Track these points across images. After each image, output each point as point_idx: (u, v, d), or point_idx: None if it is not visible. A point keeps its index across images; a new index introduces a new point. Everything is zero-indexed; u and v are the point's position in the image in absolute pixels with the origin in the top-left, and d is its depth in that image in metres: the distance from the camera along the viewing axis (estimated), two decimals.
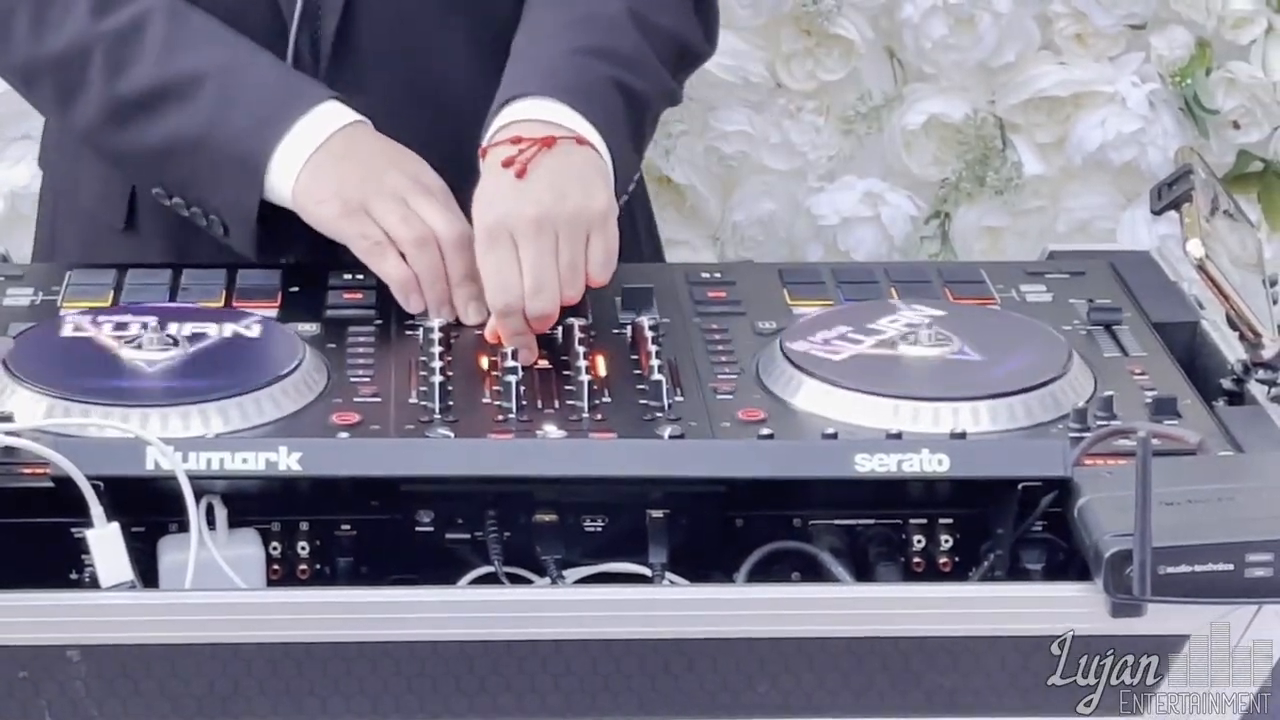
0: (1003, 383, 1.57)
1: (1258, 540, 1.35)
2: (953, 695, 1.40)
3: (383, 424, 1.55)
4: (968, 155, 2.81)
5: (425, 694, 1.39)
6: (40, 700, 1.36)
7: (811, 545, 1.55)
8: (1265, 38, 2.77)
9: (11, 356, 1.56)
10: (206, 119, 1.87)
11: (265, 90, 1.88)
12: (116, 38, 1.92)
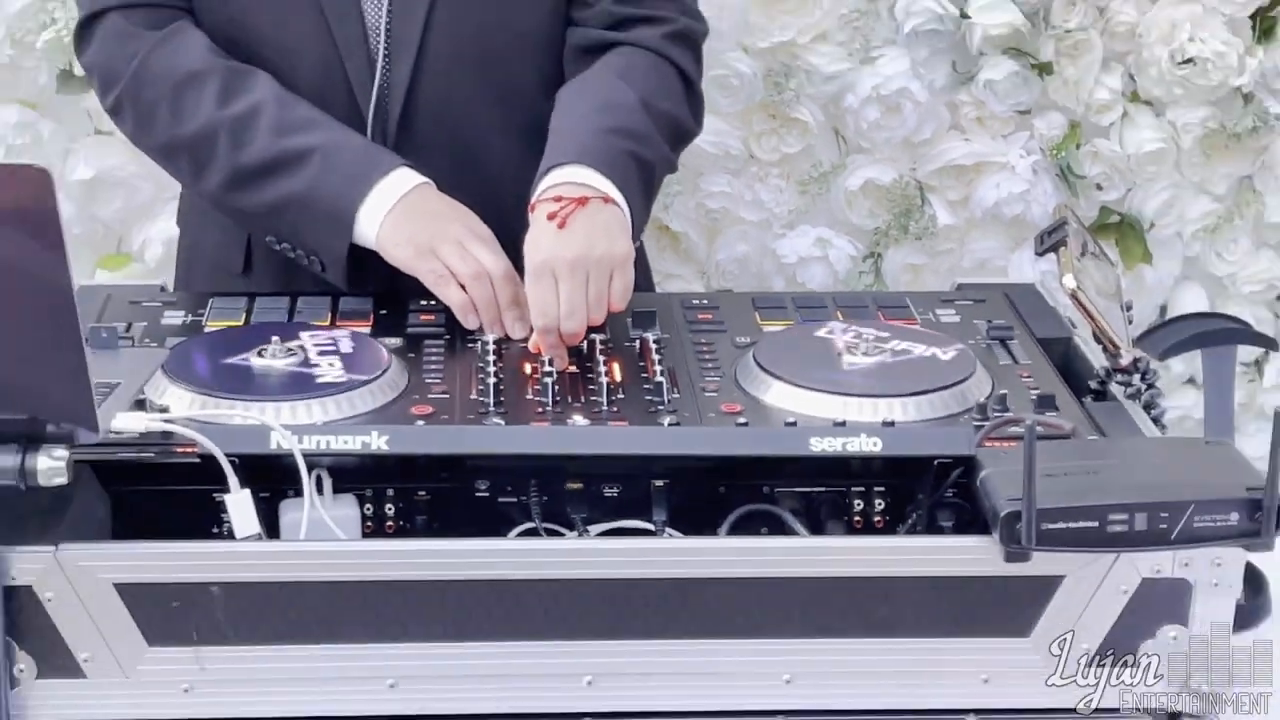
0: (923, 383, 1.59)
1: (1116, 504, 1.38)
2: (885, 621, 1.43)
3: (450, 414, 1.57)
4: (895, 210, 2.81)
5: (481, 620, 1.41)
6: (189, 624, 1.38)
7: (777, 507, 1.59)
8: (1121, 121, 2.78)
9: (168, 363, 1.59)
10: (309, 183, 1.87)
11: (353, 160, 1.88)
12: (237, 121, 1.91)
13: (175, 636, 1.39)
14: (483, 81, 2.02)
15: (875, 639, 1.43)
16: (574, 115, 1.94)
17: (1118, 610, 1.42)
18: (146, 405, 1.50)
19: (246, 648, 1.40)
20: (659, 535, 1.55)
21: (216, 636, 1.39)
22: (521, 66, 2.05)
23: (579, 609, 1.41)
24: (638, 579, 1.41)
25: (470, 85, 2.01)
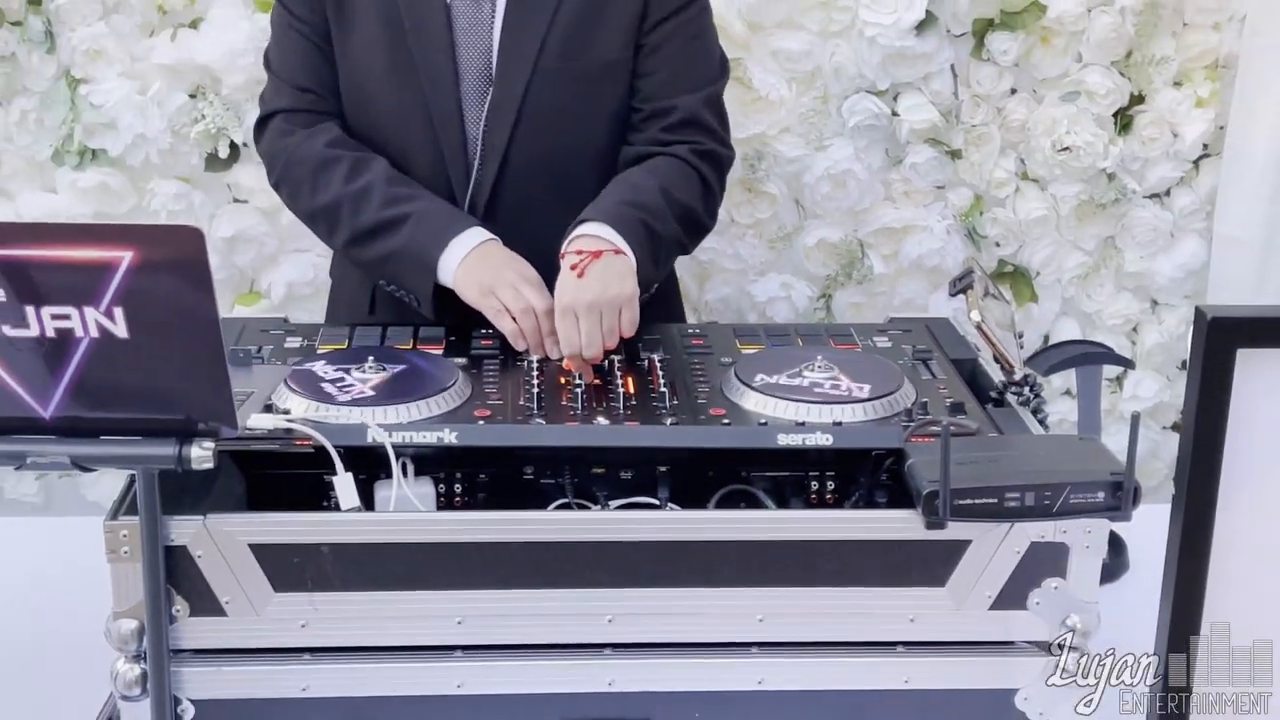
0: (864, 393, 1.58)
1: (1011, 485, 1.39)
2: (834, 574, 1.43)
3: (503, 416, 1.56)
4: (841, 261, 2.81)
5: (527, 572, 1.41)
6: (305, 575, 1.39)
7: (751, 487, 1.59)
8: (1014, 194, 2.77)
9: (289, 377, 1.59)
10: (405, 241, 1.88)
11: (437, 221, 1.88)
12: (357, 195, 1.93)
13: (294, 585, 1.40)
14: (552, 183, 2.00)
15: (827, 588, 1.43)
16: (605, 194, 1.93)
17: (1012, 566, 1.42)
18: (273, 408, 1.52)
19: (348, 593, 1.40)
20: (662, 509, 1.55)
21: (325, 585, 1.40)
22: (583, 173, 2.02)
23: (601, 564, 1.41)
24: (646, 542, 1.42)
25: (542, 185, 1.99)
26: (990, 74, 2.73)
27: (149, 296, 1.22)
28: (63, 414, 1.28)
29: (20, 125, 2.67)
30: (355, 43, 2.00)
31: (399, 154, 2.03)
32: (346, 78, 2.04)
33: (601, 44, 2.00)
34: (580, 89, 2.01)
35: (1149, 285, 2.89)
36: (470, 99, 2.00)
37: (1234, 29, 2.72)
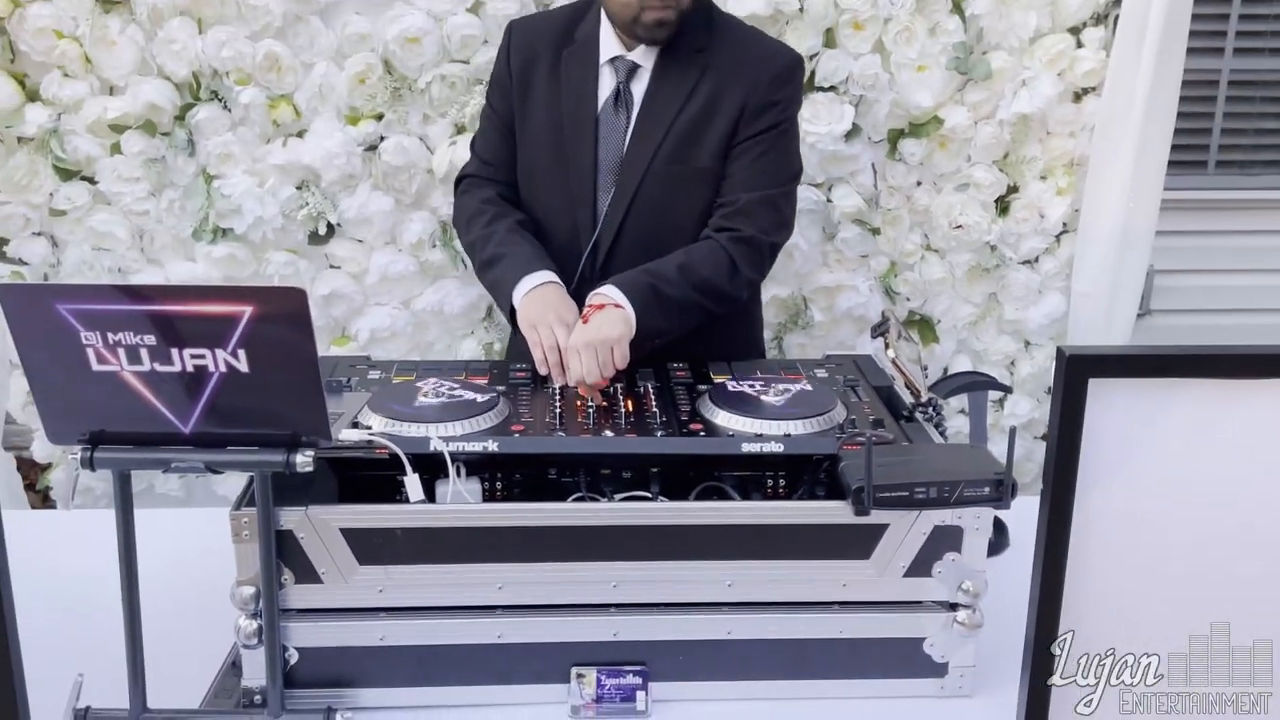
0: (807, 412, 1.58)
1: (919, 482, 1.40)
2: (786, 550, 1.43)
3: (534, 430, 1.56)
4: (789, 313, 2.82)
5: (552, 549, 1.41)
6: (383, 552, 1.39)
7: (722, 484, 1.59)
8: (920, 261, 2.78)
9: (371, 401, 1.59)
10: (501, 272, 1.91)
11: (521, 264, 1.90)
12: (485, 237, 1.98)
13: (374, 559, 1.40)
14: (649, 254, 1.95)
15: (779, 560, 1.43)
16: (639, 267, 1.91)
17: (920, 544, 1.42)
18: (358, 425, 1.51)
19: (415, 565, 1.40)
20: (654, 500, 1.54)
21: (398, 559, 1.40)
22: (674, 247, 1.96)
23: (608, 542, 1.41)
24: (641, 525, 1.42)
25: (642, 254, 1.95)
26: (901, 170, 2.75)
27: (265, 340, 1.23)
28: (199, 429, 1.29)
29: (168, 211, 2.67)
30: (529, 134, 2.03)
31: (546, 218, 2.05)
32: (521, 158, 2.07)
33: (700, 154, 1.97)
34: (680, 187, 1.99)
35: (1023, 330, 2.89)
36: (602, 186, 1.99)
37: (1085, 136, 2.73)
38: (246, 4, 2.52)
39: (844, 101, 2.64)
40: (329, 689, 1.42)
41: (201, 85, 2.59)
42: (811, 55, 2.61)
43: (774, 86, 1.97)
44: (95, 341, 1.23)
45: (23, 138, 2.62)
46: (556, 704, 1.42)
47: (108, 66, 2.56)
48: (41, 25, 2.52)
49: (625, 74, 1.97)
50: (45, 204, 2.67)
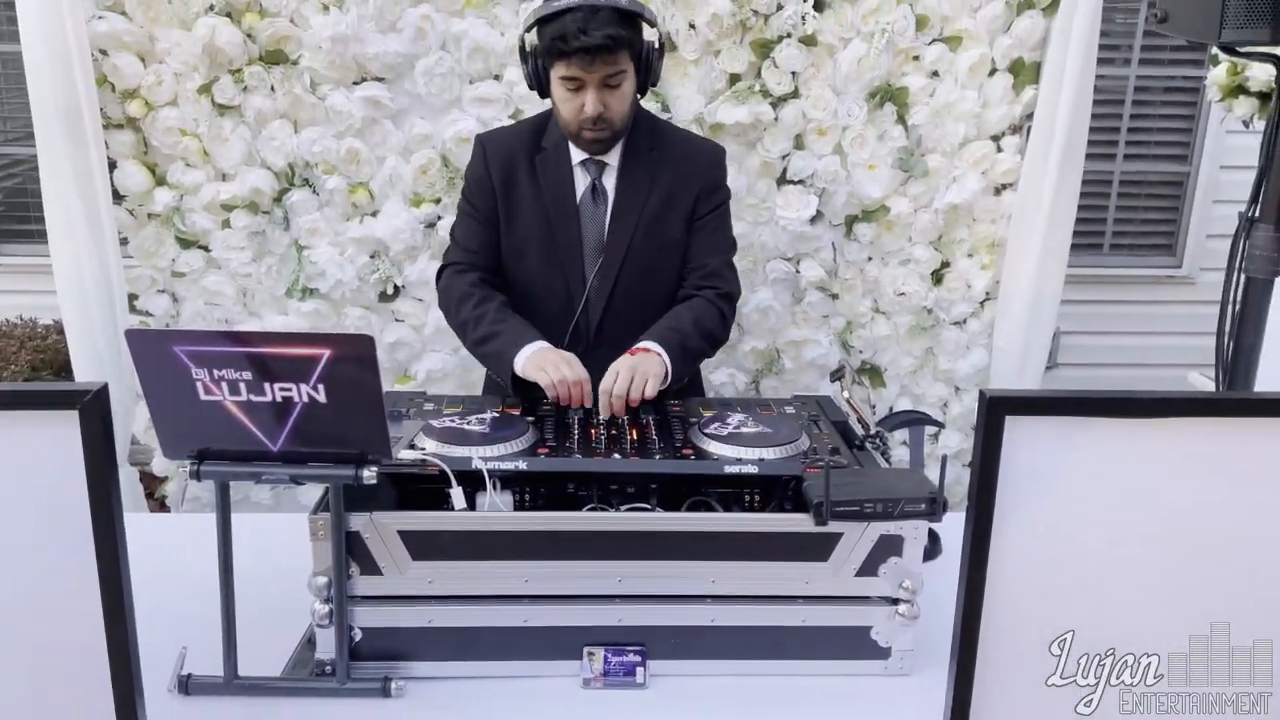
0: (777, 441, 1.56)
1: (868, 499, 1.38)
2: (760, 554, 1.40)
3: (556, 453, 1.54)
4: (764, 362, 2.82)
5: (569, 550, 1.39)
6: (432, 550, 1.38)
7: (708, 498, 1.56)
8: (871, 321, 2.78)
9: (425, 428, 1.58)
10: (497, 349, 1.84)
11: (514, 338, 1.83)
12: (478, 317, 1.90)
13: (425, 556, 1.38)
14: (634, 312, 1.95)
15: (754, 561, 1.40)
16: (661, 322, 1.91)
17: (868, 550, 1.40)
18: (415, 446, 1.50)
19: (458, 562, 1.38)
20: (652, 511, 1.53)
21: (444, 556, 1.38)
22: (654, 306, 1.97)
23: (615, 545, 1.39)
24: (642, 531, 1.40)
25: (628, 312, 1.96)
26: (855, 248, 2.76)
27: (340, 377, 1.22)
28: (285, 449, 1.28)
29: (266, 274, 2.69)
30: (518, 224, 1.99)
31: (538, 289, 2.01)
32: (509, 244, 2.01)
33: (670, 228, 1.98)
34: (658, 256, 1.99)
35: (953, 377, 2.89)
36: (589, 260, 1.98)
37: (1004, 222, 2.74)
38: (333, 109, 2.54)
39: (809, 192, 2.65)
40: (386, 661, 1.40)
41: (295, 174, 2.61)
42: (783, 155, 2.63)
43: (717, 172, 2.01)
44: (203, 376, 1.23)
45: (152, 214, 2.64)
46: (571, 677, 1.40)
47: (221, 158, 2.58)
48: (169, 125, 2.55)
49: (596, 171, 1.97)
50: (168, 267, 2.69)
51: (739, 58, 2.54)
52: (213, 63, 2.49)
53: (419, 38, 2.50)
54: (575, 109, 1.85)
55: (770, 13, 2.51)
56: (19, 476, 1.06)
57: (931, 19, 2.55)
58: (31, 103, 2.46)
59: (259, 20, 2.47)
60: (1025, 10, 2.55)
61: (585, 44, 1.75)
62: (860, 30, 2.54)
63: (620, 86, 1.84)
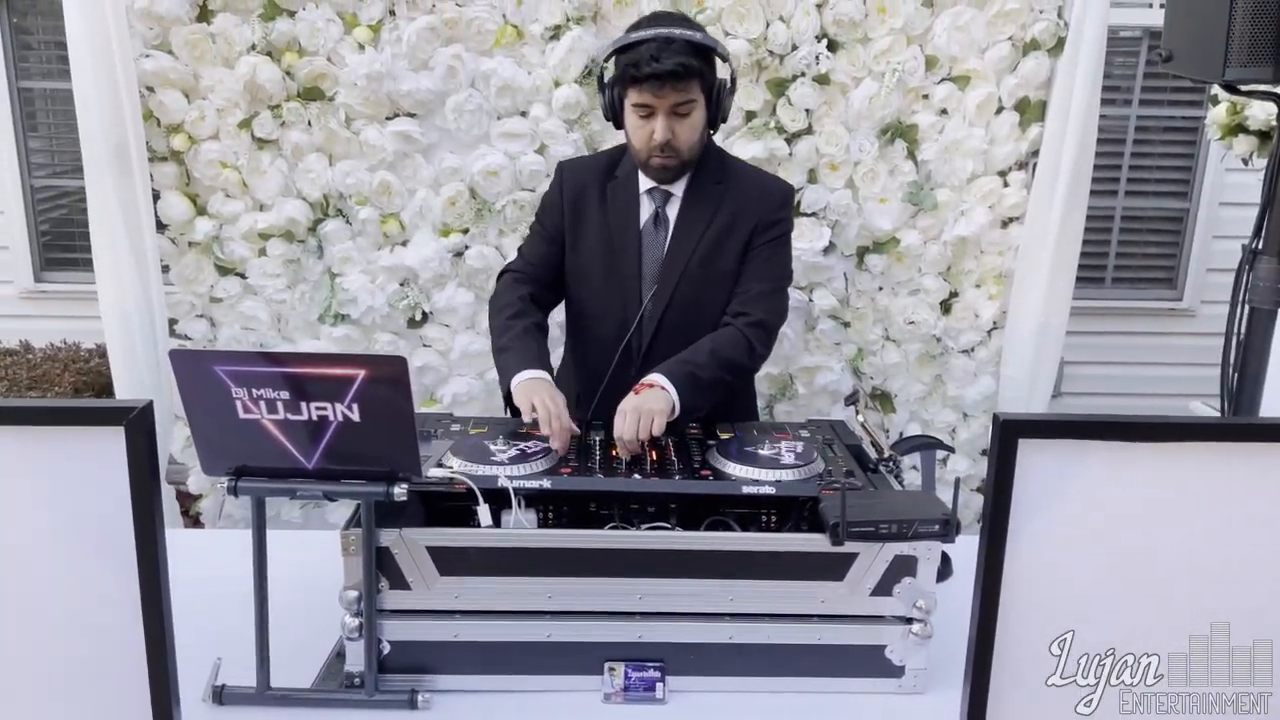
0: (794, 463, 1.56)
1: (882, 520, 1.37)
2: (777, 572, 1.39)
3: (579, 472, 1.54)
4: (779, 387, 2.80)
5: (591, 566, 1.38)
6: (459, 566, 1.37)
7: (726, 518, 1.55)
8: (881, 349, 2.77)
9: (453, 447, 1.58)
10: (505, 361, 1.82)
11: (522, 358, 1.80)
12: (503, 325, 1.89)
13: (452, 572, 1.38)
14: (683, 336, 1.92)
15: (771, 580, 1.39)
16: (676, 356, 1.87)
17: (883, 570, 1.39)
18: (443, 465, 1.50)
19: (483, 578, 1.38)
20: (672, 530, 1.52)
21: (470, 572, 1.38)
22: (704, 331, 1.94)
23: (635, 563, 1.39)
24: (662, 549, 1.39)
25: (677, 337, 1.93)
26: (867, 278, 2.75)
27: (373, 397, 1.23)
28: (319, 466, 1.28)
29: (301, 300, 2.70)
30: (584, 248, 1.99)
31: (600, 311, 2.00)
32: (574, 266, 2.01)
33: (724, 260, 1.96)
34: (708, 286, 1.97)
35: (961, 404, 2.86)
36: (645, 285, 1.97)
37: (1011, 254, 2.73)
38: (366, 143, 2.56)
39: (823, 224, 2.65)
40: (413, 674, 1.39)
41: (330, 204, 2.63)
42: (798, 189, 2.64)
43: (777, 209, 1.98)
44: (242, 395, 1.24)
45: (193, 242, 2.66)
46: (592, 691, 1.39)
47: (259, 189, 2.61)
48: (211, 158, 2.57)
49: (661, 200, 1.98)
50: (207, 293, 2.71)
51: (755, 95, 2.55)
52: (253, 99, 2.52)
53: (450, 76, 2.52)
54: (645, 135, 1.86)
55: (785, 53, 2.52)
56: (65, 490, 1.06)
57: (941, 59, 2.55)
58: (81, 137, 2.50)
59: (298, 59, 2.50)
60: (1031, 51, 2.56)
61: (656, 70, 1.77)
62: (872, 70, 2.54)
63: (689, 115, 1.85)
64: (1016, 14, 2.51)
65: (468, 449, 1.56)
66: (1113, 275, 4.22)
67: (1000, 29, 2.54)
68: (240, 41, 2.48)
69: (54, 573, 1.08)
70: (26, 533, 1.07)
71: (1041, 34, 2.53)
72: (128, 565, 1.08)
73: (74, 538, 1.07)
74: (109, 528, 1.07)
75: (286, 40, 2.49)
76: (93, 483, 1.06)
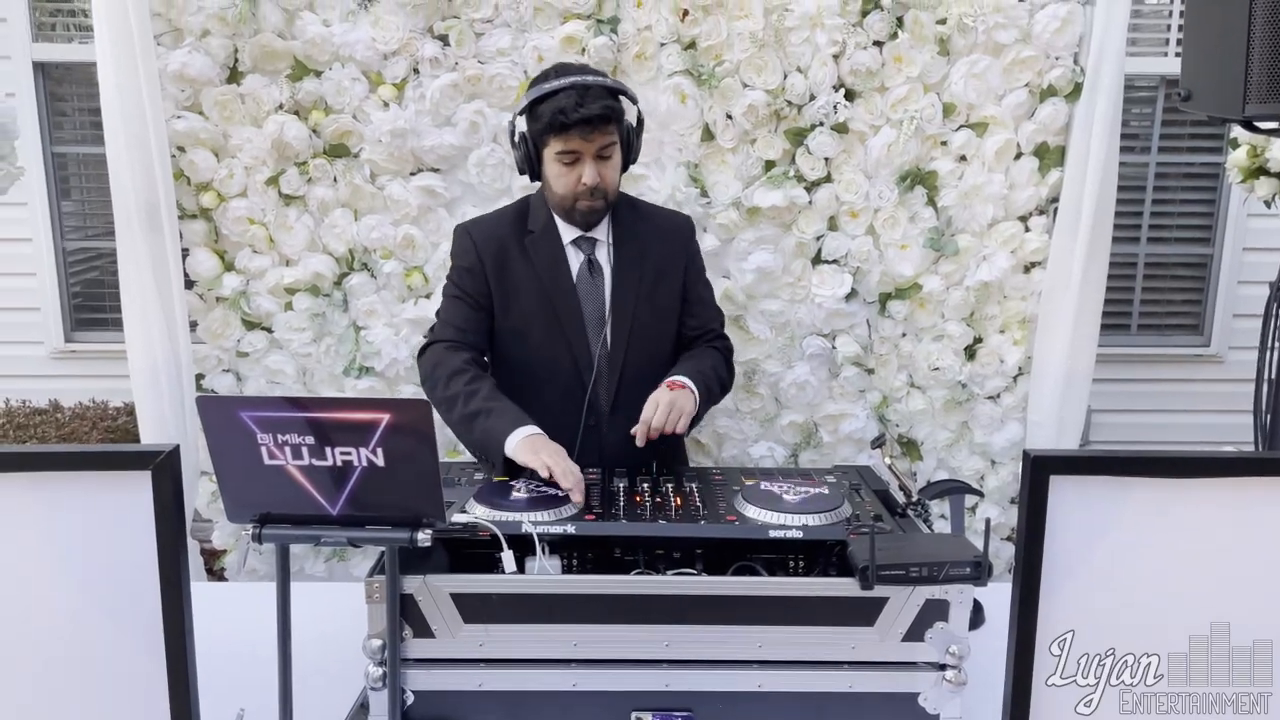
0: (821, 508, 1.54)
1: (913, 563, 1.35)
2: (806, 617, 1.37)
3: (605, 518, 1.53)
4: (803, 435, 2.78)
5: (617, 613, 1.36)
6: (483, 613, 1.35)
7: (752, 562, 1.53)
8: (906, 395, 2.75)
9: (475, 494, 1.58)
10: (489, 425, 1.79)
11: (509, 419, 1.78)
12: (468, 392, 1.86)
13: (476, 619, 1.36)
14: (647, 381, 1.94)
15: (800, 626, 1.37)
16: (684, 365, 2.00)
17: (914, 614, 1.36)
18: (467, 511, 1.50)
19: (508, 625, 1.36)
20: (698, 575, 1.49)
21: (494, 619, 1.36)
22: (657, 366, 2.00)
23: (661, 609, 1.36)
24: (688, 595, 1.37)
25: (640, 382, 1.95)
26: (890, 325, 2.74)
27: (398, 442, 1.22)
28: (343, 513, 1.27)
29: (326, 353, 2.72)
30: (515, 309, 2.00)
31: (546, 368, 2.00)
32: (507, 326, 2.00)
33: (667, 297, 2.05)
34: (656, 323, 2.04)
35: (989, 451, 2.83)
36: (593, 333, 1.99)
37: (1034, 299, 2.71)
38: (390, 198, 2.61)
39: (844, 271, 2.66)
40: None
41: (355, 258, 2.67)
42: (818, 236, 2.65)
43: (692, 238, 2.13)
44: (268, 441, 1.24)
45: (220, 298, 2.70)
46: None
47: (285, 245, 2.65)
48: (239, 215, 2.62)
49: (589, 248, 2.00)
50: (233, 348, 2.73)
51: (774, 145, 2.58)
52: (280, 156, 2.57)
53: (472, 131, 2.56)
54: (572, 181, 1.90)
55: (803, 103, 2.55)
56: (92, 535, 1.06)
57: (958, 106, 2.57)
58: (113, 197, 2.55)
59: (324, 116, 2.55)
60: (1048, 97, 2.57)
61: (585, 115, 1.82)
62: (889, 118, 2.57)
63: (611, 158, 1.92)
64: (1032, 61, 2.54)
65: (490, 497, 1.56)
66: (1138, 322, 4.18)
67: (1017, 76, 2.56)
68: (269, 101, 2.54)
69: (78, 617, 1.08)
70: (52, 578, 1.07)
71: (1058, 80, 2.55)
72: (153, 612, 1.07)
73: (99, 582, 1.07)
74: (134, 573, 1.07)
75: (313, 99, 2.55)
76: (119, 527, 1.06)
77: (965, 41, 2.53)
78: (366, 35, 2.49)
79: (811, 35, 2.49)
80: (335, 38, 2.49)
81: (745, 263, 2.63)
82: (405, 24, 2.49)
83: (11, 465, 1.04)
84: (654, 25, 2.50)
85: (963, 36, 2.52)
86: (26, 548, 1.05)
